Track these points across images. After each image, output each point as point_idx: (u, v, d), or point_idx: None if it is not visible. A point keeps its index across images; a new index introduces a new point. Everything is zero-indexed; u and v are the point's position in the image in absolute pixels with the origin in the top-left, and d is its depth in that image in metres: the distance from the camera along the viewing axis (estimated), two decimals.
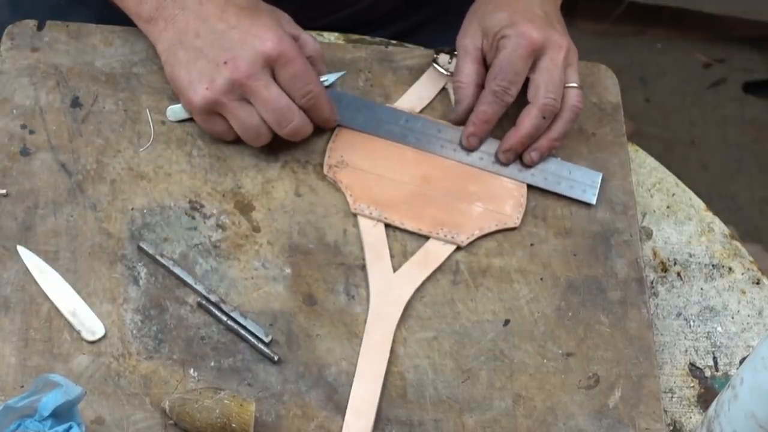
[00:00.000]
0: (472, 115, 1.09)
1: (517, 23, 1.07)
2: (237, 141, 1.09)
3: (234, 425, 0.92)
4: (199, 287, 1.01)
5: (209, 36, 1.03)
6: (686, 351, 1.06)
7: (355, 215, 1.07)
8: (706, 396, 1.04)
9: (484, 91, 1.08)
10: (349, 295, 1.03)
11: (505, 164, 1.10)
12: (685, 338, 1.07)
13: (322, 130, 1.10)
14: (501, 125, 1.11)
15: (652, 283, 1.10)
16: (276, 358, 0.98)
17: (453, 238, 1.06)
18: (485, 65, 1.10)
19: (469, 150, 1.10)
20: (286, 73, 1.03)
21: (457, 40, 1.11)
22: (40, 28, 1.13)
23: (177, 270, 1.02)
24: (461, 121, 1.11)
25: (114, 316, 0.99)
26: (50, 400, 0.87)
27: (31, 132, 1.07)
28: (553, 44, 1.07)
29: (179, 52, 1.04)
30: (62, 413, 0.88)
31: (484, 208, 1.08)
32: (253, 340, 0.99)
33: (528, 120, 1.07)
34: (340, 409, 0.97)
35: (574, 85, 1.08)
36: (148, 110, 1.10)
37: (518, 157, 1.10)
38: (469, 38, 1.10)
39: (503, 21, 1.08)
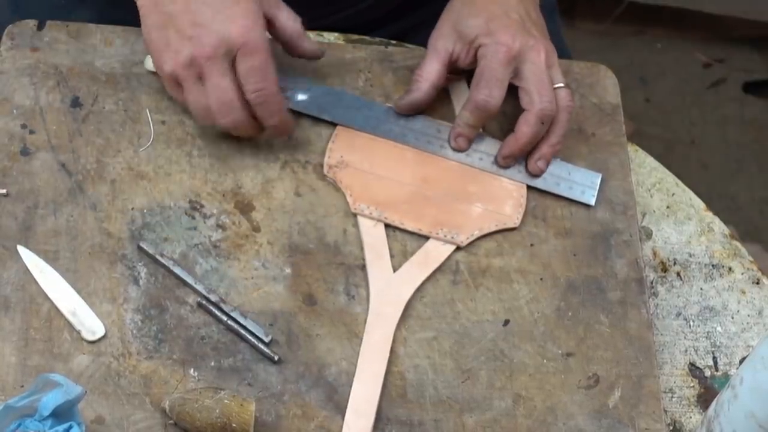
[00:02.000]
0: (458, 119, 1.10)
1: (494, 32, 1.08)
2: (237, 141, 1.09)
3: (234, 425, 0.92)
4: (199, 287, 1.01)
5: (182, 2, 1.02)
6: (686, 351, 1.06)
7: (355, 215, 1.07)
8: (706, 396, 1.04)
9: (469, 99, 1.09)
10: (349, 295, 1.03)
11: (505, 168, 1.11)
12: (685, 338, 1.07)
13: (322, 130, 1.10)
14: (500, 125, 1.11)
15: (651, 283, 1.10)
16: (276, 358, 0.98)
17: (453, 238, 1.06)
18: (450, 68, 1.11)
19: (458, 150, 1.11)
20: (245, 64, 1.02)
21: (430, 39, 1.12)
22: (40, 28, 1.13)
23: (177, 270, 1.02)
24: (402, 110, 1.12)
25: (114, 316, 0.99)
26: (50, 400, 0.87)
27: (31, 132, 1.07)
28: (531, 49, 1.08)
29: (153, 14, 1.03)
30: (62, 413, 0.88)
31: (484, 208, 1.08)
32: (253, 340, 0.99)
33: (527, 127, 1.08)
34: (340, 409, 0.97)
35: (561, 85, 1.09)
36: (148, 110, 1.10)
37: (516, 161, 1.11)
38: (442, 40, 1.11)
39: (479, 28, 1.08)
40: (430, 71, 1.10)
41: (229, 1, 1.02)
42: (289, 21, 1.08)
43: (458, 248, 1.06)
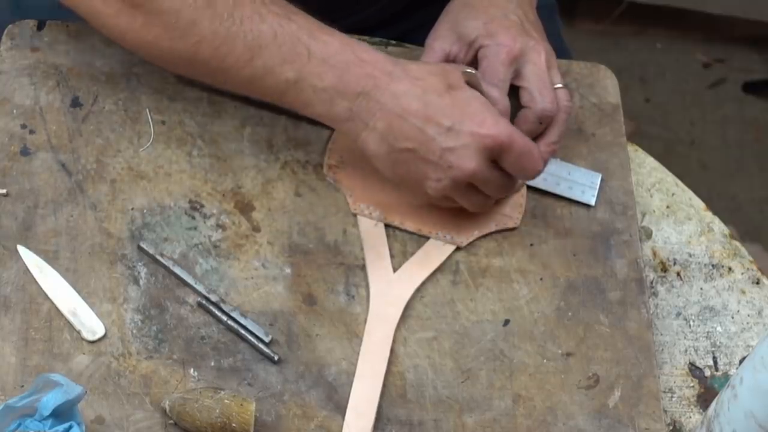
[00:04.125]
0: None
1: (494, 33, 1.08)
2: (237, 141, 1.09)
3: (234, 425, 0.92)
4: (199, 287, 1.01)
5: (420, 136, 0.99)
6: (686, 351, 1.06)
7: (355, 215, 1.07)
8: (706, 396, 1.04)
9: None
10: (349, 295, 1.03)
11: None
12: (685, 338, 1.07)
13: (322, 130, 1.10)
14: None
15: (651, 283, 1.10)
16: (276, 358, 0.98)
17: (453, 238, 1.06)
18: None
19: None
20: (511, 158, 1.01)
21: (427, 39, 1.11)
22: (40, 28, 1.13)
23: (177, 270, 1.02)
24: None
25: (114, 316, 0.99)
26: (50, 400, 0.87)
27: (31, 132, 1.07)
28: (531, 50, 1.08)
29: (391, 154, 1.00)
30: (62, 413, 0.88)
31: None
32: (253, 339, 0.99)
33: (524, 124, 1.08)
34: (340, 408, 0.97)
35: (560, 85, 1.09)
36: (147, 110, 1.10)
37: None
38: (439, 41, 1.10)
39: (479, 30, 1.08)
40: None
41: (457, 111, 1.00)
42: (501, 98, 1.05)
43: (458, 248, 1.06)
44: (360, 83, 0.99)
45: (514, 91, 1.09)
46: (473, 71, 1.04)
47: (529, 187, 1.10)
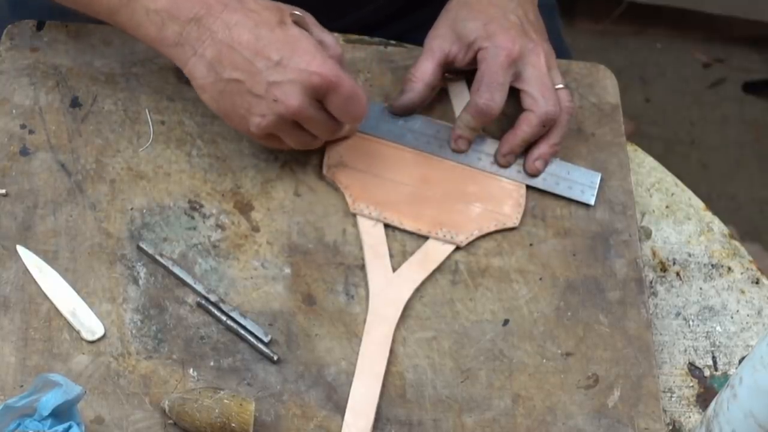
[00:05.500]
0: (458, 121, 1.10)
1: (493, 35, 1.08)
2: (237, 141, 1.09)
3: (234, 425, 0.92)
4: (199, 287, 1.01)
5: (250, 68, 0.99)
6: (685, 351, 1.06)
7: (354, 215, 1.07)
8: (706, 396, 1.04)
9: (470, 103, 1.08)
10: (348, 295, 1.03)
11: (505, 167, 1.11)
12: (685, 338, 1.07)
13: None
14: (500, 126, 1.11)
15: (651, 282, 1.10)
16: (275, 358, 0.98)
17: (452, 238, 1.06)
18: (446, 69, 1.11)
19: (458, 152, 1.11)
20: (337, 99, 1.01)
21: (426, 39, 1.12)
22: (40, 28, 1.13)
23: (176, 270, 1.02)
24: (397, 111, 1.12)
25: (113, 316, 0.99)
26: (50, 400, 0.87)
27: (31, 132, 1.07)
28: (530, 52, 1.08)
29: (218, 84, 1.01)
30: (62, 413, 0.88)
31: (483, 208, 1.08)
32: (252, 339, 0.99)
33: (527, 127, 1.08)
34: (340, 408, 0.97)
35: (561, 86, 1.09)
36: (147, 110, 1.10)
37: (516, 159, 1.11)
38: (438, 40, 1.11)
39: (478, 30, 1.08)
40: (425, 71, 1.10)
41: (287, 46, 1.00)
42: (332, 42, 1.06)
43: (458, 248, 1.06)
44: (193, 9, 1.00)
45: (513, 92, 1.09)
46: (302, 13, 1.04)
47: (529, 187, 1.10)
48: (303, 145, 1.05)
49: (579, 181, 1.11)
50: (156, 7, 1.00)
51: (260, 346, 0.99)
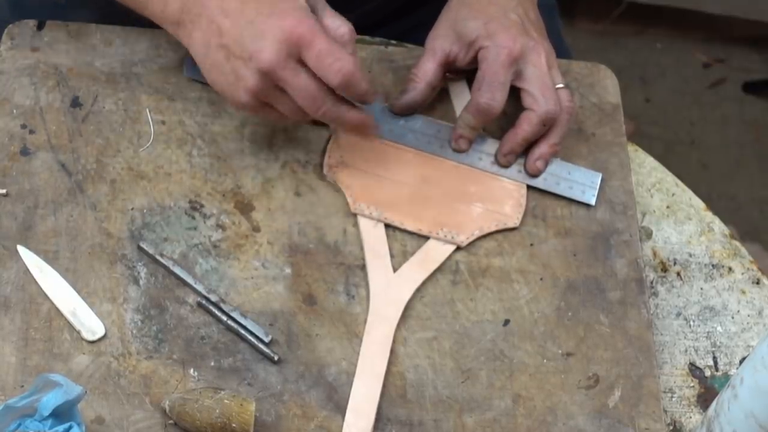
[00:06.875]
0: (459, 121, 1.10)
1: (494, 34, 1.08)
2: (237, 141, 1.09)
3: (234, 425, 0.92)
4: (199, 287, 1.01)
5: (232, 31, 1.00)
6: (686, 351, 1.06)
7: (355, 215, 1.07)
8: (706, 396, 1.04)
9: (471, 102, 1.08)
10: (349, 295, 1.03)
11: (506, 167, 1.11)
12: (685, 338, 1.07)
13: (322, 130, 1.10)
14: (500, 125, 1.11)
15: (651, 283, 1.10)
16: (276, 358, 0.98)
17: (453, 238, 1.06)
18: (447, 68, 1.11)
19: (458, 152, 1.11)
20: (311, 54, 0.99)
21: (427, 39, 1.11)
22: (40, 28, 1.13)
23: (177, 270, 1.02)
24: (398, 111, 1.11)
25: (114, 316, 0.99)
26: (50, 400, 0.87)
27: (31, 132, 1.07)
28: (531, 50, 1.08)
29: (210, 54, 1.01)
30: (62, 413, 0.88)
31: (484, 208, 1.08)
32: (253, 339, 0.99)
33: (528, 126, 1.08)
34: (340, 408, 0.97)
35: (561, 85, 1.09)
36: (148, 110, 1.10)
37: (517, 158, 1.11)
38: (439, 40, 1.10)
39: (478, 30, 1.08)
40: (426, 71, 1.10)
41: (273, 9, 0.99)
42: (334, 24, 1.04)
43: (458, 248, 1.06)
44: None
45: (514, 92, 1.09)
46: None
47: (529, 187, 1.10)
48: (297, 113, 1.03)
49: (580, 181, 1.11)
50: None
51: (261, 346, 0.99)
